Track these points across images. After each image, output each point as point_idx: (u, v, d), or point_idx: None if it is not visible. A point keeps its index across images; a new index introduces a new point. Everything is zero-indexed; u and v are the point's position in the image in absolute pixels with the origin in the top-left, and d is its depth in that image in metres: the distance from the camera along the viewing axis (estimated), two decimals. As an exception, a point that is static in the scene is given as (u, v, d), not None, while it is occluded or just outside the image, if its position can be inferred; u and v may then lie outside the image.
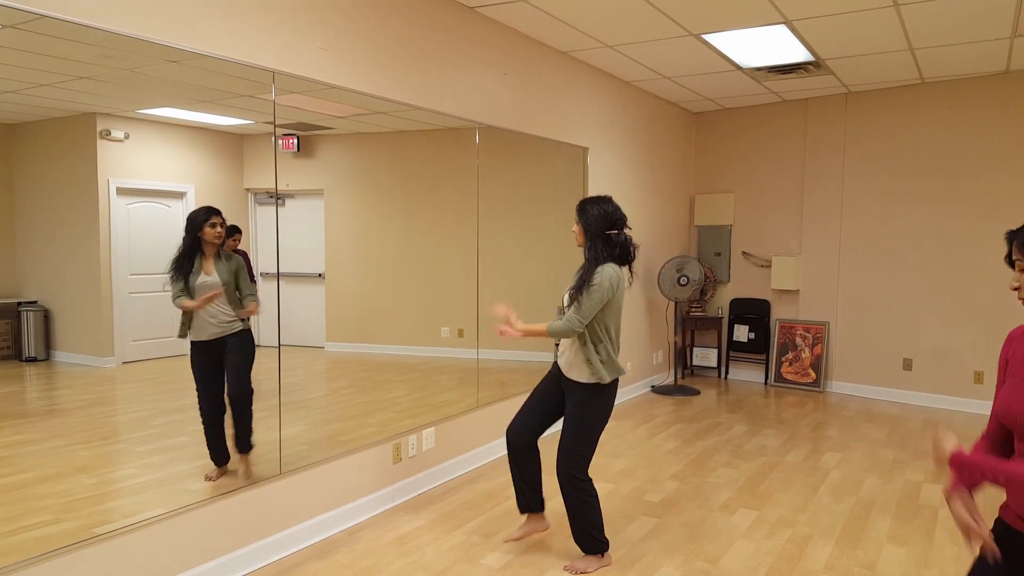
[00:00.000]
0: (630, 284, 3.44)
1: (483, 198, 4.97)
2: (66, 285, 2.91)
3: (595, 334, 3.31)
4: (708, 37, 5.16)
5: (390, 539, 3.71)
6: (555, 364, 3.53)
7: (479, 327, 5.01)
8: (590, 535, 3.38)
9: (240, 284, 3.47)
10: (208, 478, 3.31)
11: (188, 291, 3.30)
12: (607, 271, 3.27)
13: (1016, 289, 1.79)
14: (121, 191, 3.01)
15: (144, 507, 3.00)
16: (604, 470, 4.83)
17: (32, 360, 2.88)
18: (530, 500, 3.54)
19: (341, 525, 3.84)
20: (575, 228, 3.41)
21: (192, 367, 3.36)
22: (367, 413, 4.32)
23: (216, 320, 3.38)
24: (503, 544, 3.66)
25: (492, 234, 5.07)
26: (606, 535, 3.47)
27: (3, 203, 2.68)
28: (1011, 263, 1.81)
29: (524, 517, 3.63)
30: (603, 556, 3.45)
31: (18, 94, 2.66)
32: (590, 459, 3.37)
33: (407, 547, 3.62)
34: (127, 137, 2.96)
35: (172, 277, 3.24)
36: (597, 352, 3.31)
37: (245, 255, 3.64)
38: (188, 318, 3.34)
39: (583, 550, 3.43)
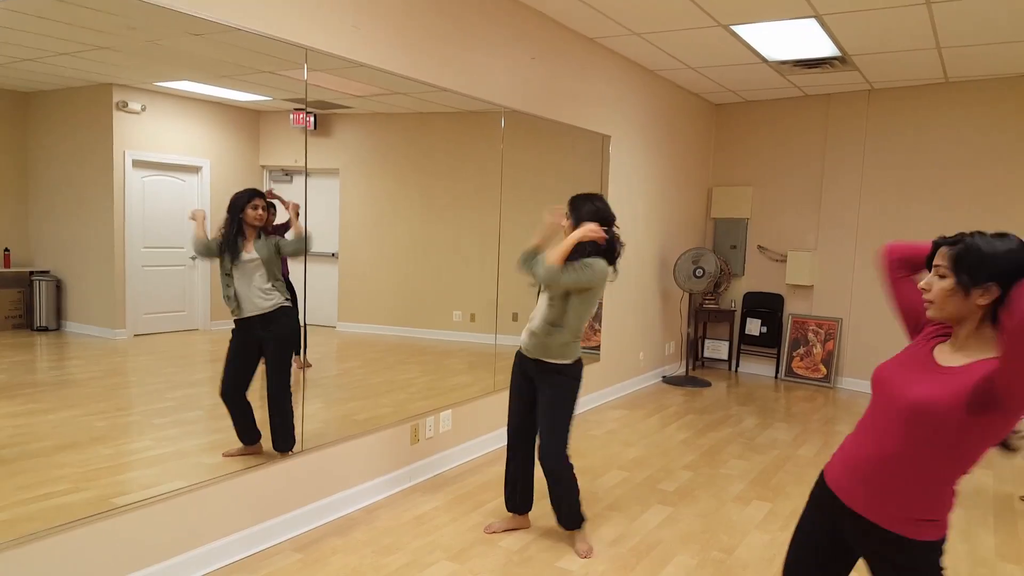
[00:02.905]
0: (612, 280, 3.41)
1: (506, 184, 4.97)
2: (79, 256, 2.92)
3: (571, 318, 3.30)
4: (736, 28, 5.14)
5: (408, 518, 3.75)
6: (519, 356, 3.51)
7: (498, 312, 5.02)
8: (577, 513, 3.47)
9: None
10: (228, 454, 3.34)
11: (233, 267, 3.35)
12: (598, 263, 3.24)
13: (925, 291, 1.80)
14: (137, 163, 3.00)
15: (162, 479, 3.03)
16: (618, 458, 4.86)
17: (43, 330, 2.89)
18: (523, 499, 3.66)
19: (359, 503, 3.88)
20: (565, 223, 3.34)
21: (230, 345, 3.41)
22: (380, 393, 4.35)
23: (256, 298, 3.42)
24: (520, 527, 3.70)
25: (509, 220, 5.07)
26: (619, 520, 3.55)
27: (17, 172, 2.68)
28: (929, 267, 1.82)
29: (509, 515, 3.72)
30: (583, 528, 3.55)
31: (36, 62, 2.65)
32: (568, 442, 3.44)
33: (425, 527, 3.65)
34: (144, 109, 2.95)
35: (219, 254, 3.32)
36: (573, 336, 3.34)
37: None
38: (234, 294, 3.39)
39: (567, 528, 3.49)
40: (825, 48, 5.56)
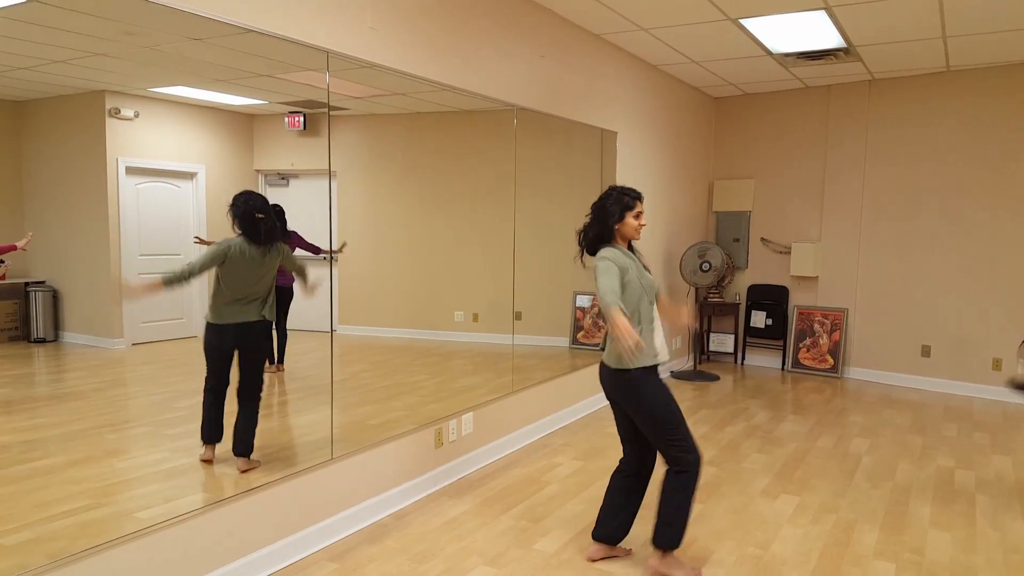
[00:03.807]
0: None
1: (508, 182, 4.93)
2: (75, 265, 2.87)
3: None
4: (745, 21, 5.13)
5: (439, 523, 3.71)
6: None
7: (513, 310, 4.99)
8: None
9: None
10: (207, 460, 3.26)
11: None
12: None
13: None
14: (131, 170, 2.96)
15: (185, 491, 2.97)
16: (639, 455, 4.84)
17: (41, 341, 2.83)
18: None
19: (388, 509, 3.83)
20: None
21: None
22: (391, 397, 4.31)
23: None
24: (552, 530, 3.67)
25: (511, 219, 5.04)
26: (651, 519, 3.47)
27: (11, 181, 2.63)
28: None
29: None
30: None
31: (31, 71, 2.60)
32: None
33: (457, 532, 3.62)
34: (137, 116, 2.91)
35: None
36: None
37: (295, 234, 3.64)
38: None
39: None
40: (831, 40, 5.56)
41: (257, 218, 3.30)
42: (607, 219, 3.17)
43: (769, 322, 7.80)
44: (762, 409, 6.13)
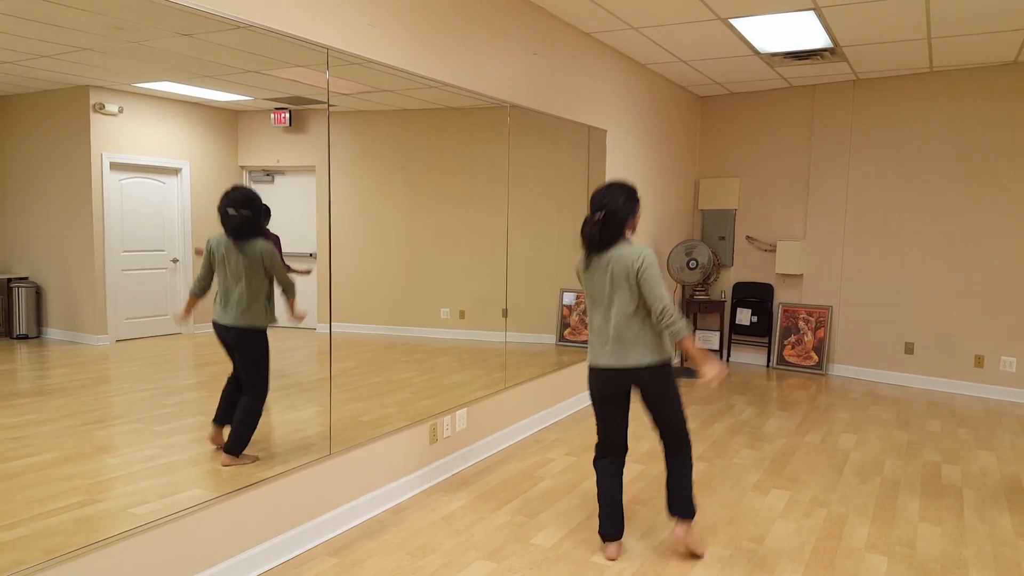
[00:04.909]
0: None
1: (494, 179, 4.94)
2: (58, 261, 2.85)
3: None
4: (735, 21, 5.17)
5: (436, 518, 3.71)
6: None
7: (507, 306, 5.00)
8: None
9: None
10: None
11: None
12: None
13: None
14: (115, 166, 2.94)
15: (180, 487, 2.96)
16: (631, 451, 4.87)
17: (23, 337, 2.80)
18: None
19: (385, 504, 3.83)
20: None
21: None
22: (381, 393, 4.30)
23: None
24: (549, 524, 3.69)
25: (502, 215, 5.05)
26: (645, 514, 3.52)
27: None
28: None
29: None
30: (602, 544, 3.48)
31: (14, 64, 2.58)
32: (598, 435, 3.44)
33: (455, 526, 3.62)
34: (121, 111, 2.89)
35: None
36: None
37: (276, 239, 3.59)
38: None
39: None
40: (818, 40, 5.62)
41: (228, 213, 3.24)
42: (628, 215, 3.21)
43: (754, 319, 7.87)
44: (749, 406, 6.20)
